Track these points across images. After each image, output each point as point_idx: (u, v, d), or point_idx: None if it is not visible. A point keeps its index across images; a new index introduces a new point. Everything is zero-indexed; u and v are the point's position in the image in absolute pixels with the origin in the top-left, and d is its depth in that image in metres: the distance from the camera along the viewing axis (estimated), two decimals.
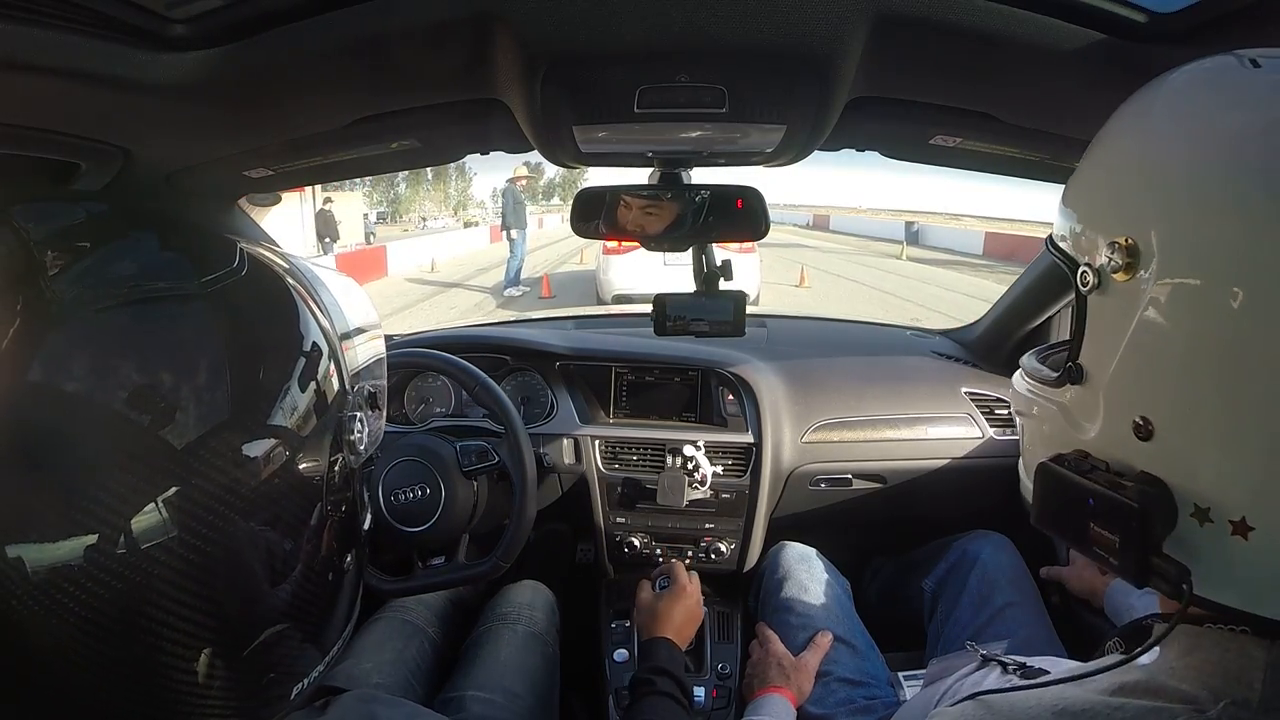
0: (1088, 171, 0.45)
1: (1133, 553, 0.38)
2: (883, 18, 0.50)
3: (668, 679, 0.89)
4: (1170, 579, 0.37)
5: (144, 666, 0.36)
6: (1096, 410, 0.43)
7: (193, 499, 0.36)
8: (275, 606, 0.41)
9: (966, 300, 1.43)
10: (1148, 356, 0.39)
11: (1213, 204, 0.36)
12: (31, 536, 0.33)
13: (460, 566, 1.01)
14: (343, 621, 0.49)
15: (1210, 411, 0.36)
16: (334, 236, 11.09)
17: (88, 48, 0.48)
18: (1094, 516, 0.41)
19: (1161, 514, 0.38)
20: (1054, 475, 0.44)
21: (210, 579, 0.37)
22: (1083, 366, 0.44)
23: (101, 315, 0.37)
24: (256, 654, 0.40)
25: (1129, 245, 0.39)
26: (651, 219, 0.84)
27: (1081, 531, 0.42)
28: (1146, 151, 0.41)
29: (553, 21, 0.50)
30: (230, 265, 0.43)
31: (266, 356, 0.41)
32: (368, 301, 0.55)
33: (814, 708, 0.95)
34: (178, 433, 0.36)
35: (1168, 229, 0.38)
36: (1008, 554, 1.16)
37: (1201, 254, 0.36)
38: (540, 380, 1.34)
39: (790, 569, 1.16)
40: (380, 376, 0.53)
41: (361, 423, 0.47)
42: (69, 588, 0.34)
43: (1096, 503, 0.40)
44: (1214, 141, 0.38)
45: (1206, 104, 0.40)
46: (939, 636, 1.10)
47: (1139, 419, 0.39)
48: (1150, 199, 0.39)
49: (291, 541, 0.41)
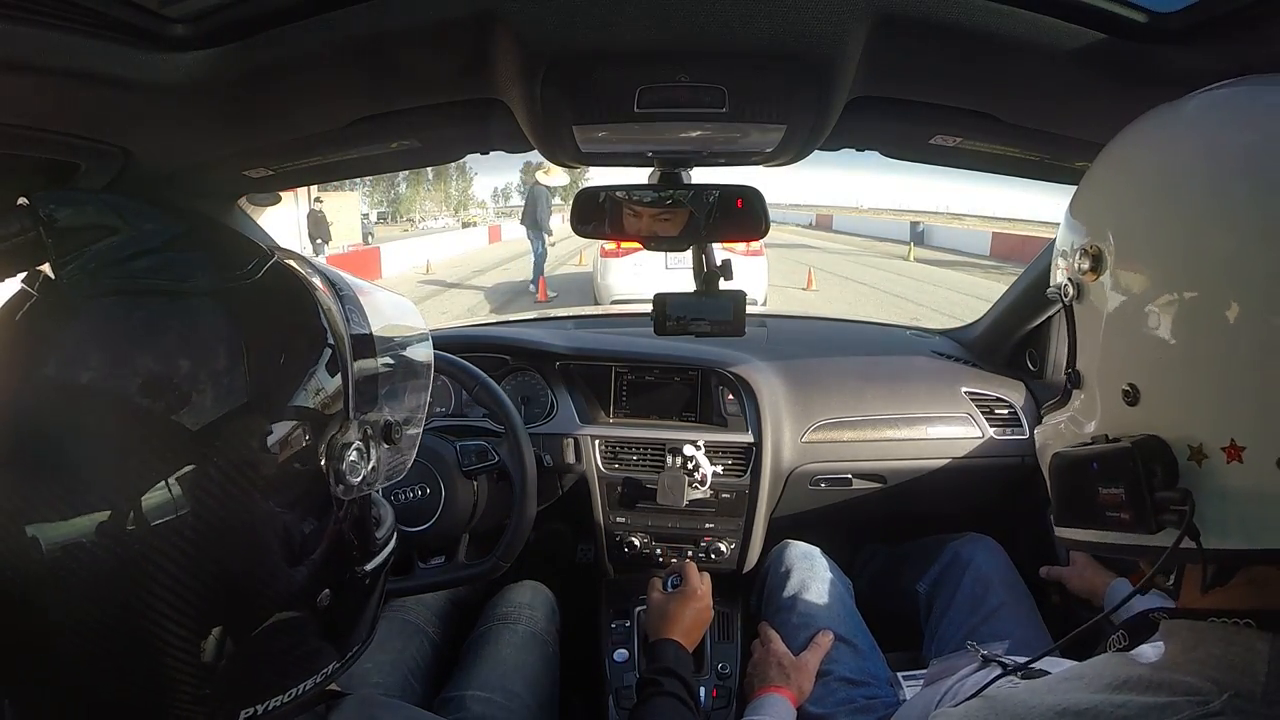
0: (1062, 225, 0.52)
1: (1138, 494, 0.40)
2: (883, 18, 0.50)
3: (675, 680, 0.89)
4: (1178, 507, 0.38)
5: (150, 642, 0.37)
6: (1094, 400, 0.47)
7: (189, 486, 0.37)
8: (275, 597, 0.41)
9: (981, 305, 1.41)
10: (1122, 331, 0.43)
11: (1147, 192, 0.44)
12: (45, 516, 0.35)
13: (460, 566, 1.01)
14: (359, 627, 0.49)
15: (1181, 357, 0.40)
16: (325, 238, 10.74)
17: (87, 48, 0.48)
18: (1099, 479, 0.43)
19: (1161, 462, 0.40)
20: (1062, 460, 0.48)
21: (209, 561, 0.38)
22: (1079, 371, 0.49)
23: (103, 303, 0.38)
24: (259, 642, 0.41)
25: (1094, 250, 0.45)
26: (652, 219, 0.84)
27: (1092, 502, 0.44)
28: (1107, 172, 0.49)
29: (552, 21, 0.50)
30: (240, 268, 0.43)
31: (254, 363, 0.40)
32: (425, 342, 0.54)
33: (814, 707, 0.95)
34: (190, 417, 0.37)
35: (1118, 225, 0.45)
36: (999, 557, 1.17)
37: (1147, 237, 0.43)
38: (540, 380, 1.34)
39: (793, 567, 1.16)
40: (414, 408, 0.51)
41: (360, 454, 0.44)
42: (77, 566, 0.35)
43: (1099, 463, 0.44)
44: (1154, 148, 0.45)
45: (1147, 125, 0.47)
46: (934, 637, 1.10)
47: (1126, 387, 0.43)
48: (1103, 205, 0.48)
49: (277, 549, 0.41)
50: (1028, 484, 1.30)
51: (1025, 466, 1.30)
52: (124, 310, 0.38)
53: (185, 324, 0.39)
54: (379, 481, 0.47)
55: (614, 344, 1.38)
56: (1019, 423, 1.31)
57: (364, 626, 0.51)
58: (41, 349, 0.37)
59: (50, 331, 0.37)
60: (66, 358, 0.37)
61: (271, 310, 0.43)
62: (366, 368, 0.46)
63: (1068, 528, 0.49)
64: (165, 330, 0.38)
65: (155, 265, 0.40)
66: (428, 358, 0.54)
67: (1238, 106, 0.44)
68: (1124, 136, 0.49)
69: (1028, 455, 1.31)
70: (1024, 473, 1.30)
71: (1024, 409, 1.32)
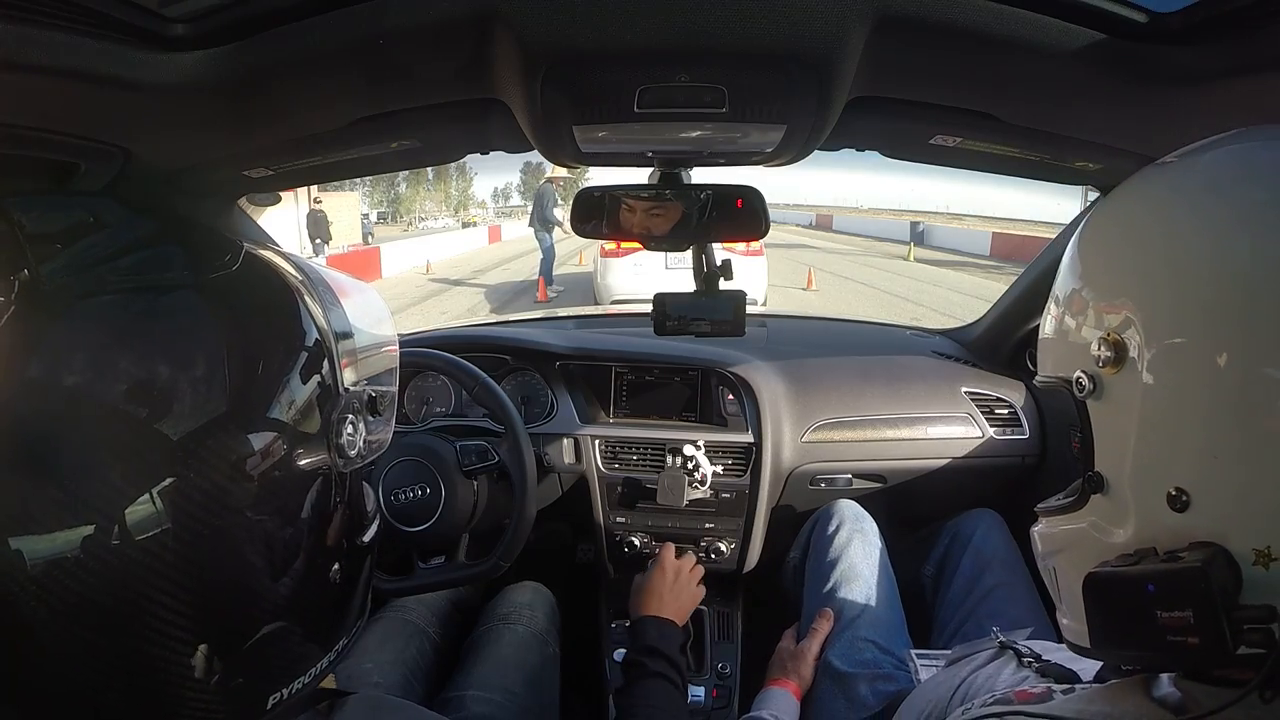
0: (1052, 308, 0.49)
1: (1211, 616, 0.35)
2: (883, 18, 0.50)
3: (659, 659, 0.88)
4: (1261, 623, 0.34)
5: (139, 658, 0.37)
6: (1126, 507, 0.42)
7: (183, 493, 0.36)
8: (269, 602, 0.41)
9: (981, 305, 1.40)
10: (1164, 428, 0.39)
11: (1184, 267, 0.39)
12: (31, 529, 0.34)
13: (460, 566, 1.01)
14: (344, 621, 0.49)
15: (1236, 453, 0.36)
16: (325, 238, 10.82)
17: (88, 48, 0.48)
18: (1158, 603, 0.38)
19: (1227, 573, 0.36)
20: (1104, 579, 0.42)
21: (200, 572, 0.37)
22: (1101, 473, 0.44)
23: (87, 305, 0.37)
24: (255, 650, 0.41)
25: (1114, 339, 0.41)
26: (652, 219, 0.84)
27: (1150, 628, 0.38)
28: (1110, 250, 0.45)
29: (553, 21, 0.50)
30: (220, 261, 0.43)
31: (250, 354, 0.41)
32: (383, 309, 0.55)
33: (839, 662, 0.95)
34: (171, 425, 0.36)
35: (1145, 306, 0.40)
36: (1000, 532, 1.16)
37: (1179, 316, 0.38)
38: (540, 380, 1.34)
39: (844, 523, 1.16)
40: (388, 384, 0.52)
41: (354, 427, 0.46)
42: (66, 580, 0.34)
43: (1157, 585, 0.38)
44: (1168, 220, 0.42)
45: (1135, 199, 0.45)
46: (935, 620, 1.10)
47: (1172, 491, 0.38)
48: (1122, 285, 0.42)
49: (281, 540, 0.41)
50: (1028, 484, 1.30)
51: (1025, 466, 1.30)
52: (105, 312, 0.37)
53: (171, 321, 0.38)
54: (372, 453, 0.49)
55: (614, 344, 1.38)
56: (1019, 423, 1.31)
57: (353, 615, 0.51)
58: (20, 358, 0.35)
59: (29, 339, 0.36)
60: (48, 365, 0.35)
61: (255, 300, 0.43)
62: (346, 344, 0.47)
63: (1111, 649, 0.44)
64: (149, 330, 0.38)
65: (133, 265, 0.40)
66: (394, 336, 0.55)
67: (1260, 160, 0.40)
68: (1127, 197, 0.45)
69: (1028, 455, 1.31)
70: (1024, 473, 1.31)
71: (1024, 409, 1.32)
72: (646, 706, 0.83)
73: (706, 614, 1.23)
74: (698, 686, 1.15)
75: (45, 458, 0.35)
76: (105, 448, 0.35)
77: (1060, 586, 0.50)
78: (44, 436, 0.35)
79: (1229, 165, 0.43)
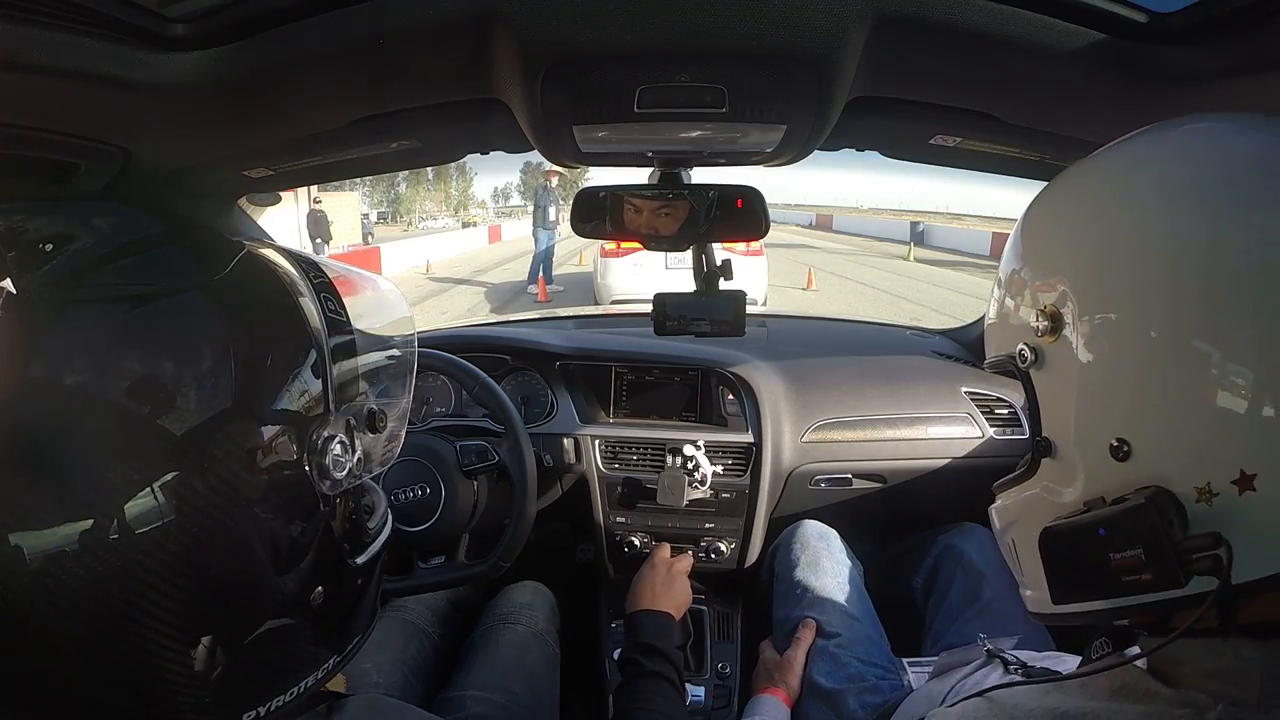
0: (995, 292, 0.51)
1: (1158, 548, 0.38)
2: (883, 18, 0.50)
3: (655, 656, 0.87)
4: (1207, 550, 0.36)
5: (136, 654, 0.37)
6: (1074, 465, 0.45)
7: (177, 492, 0.36)
8: (267, 601, 0.41)
9: (981, 305, 1.40)
10: (1101, 386, 0.42)
11: (1113, 244, 0.42)
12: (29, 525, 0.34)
13: (460, 566, 1.01)
14: (355, 622, 0.49)
15: (1173, 400, 0.39)
16: (325, 238, 10.82)
17: (88, 48, 0.48)
18: (1110, 544, 0.40)
19: (1171, 510, 0.38)
20: (1057, 531, 0.44)
21: (199, 570, 0.37)
22: (1048, 438, 0.47)
23: (71, 313, 0.37)
24: (257, 648, 0.41)
25: (1050, 310, 0.44)
26: (660, 219, 0.84)
27: (1104, 570, 0.40)
28: (1051, 222, 0.48)
29: (553, 21, 0.50)
30: (213, 265, 0.42)
31: (236, 364, 0.40)
32: (400, 309, 0.53)
33: (825, 680, 0.95)
34: (174, 421, 0.36)
35: (1078, 279, 0.43)
36: (990, 548, 1.16)
37: (1109, 287, 0.41)
38: (540, 380, 1.34)
39: (808, 544, 1.16)
40: (397, 395, 0.51)
41: (345, 446, 0.44)
42: (64, 575, 0.34)
43: (1107, 528, 0.40)
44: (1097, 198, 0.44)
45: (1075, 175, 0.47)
46: (931, 634, 1.10)
47: (1114, 441, 0.41)
48: (1052, 257, 0.46)
49: (281, 543, 0.41)
50: None
51: None
52: (93, 319, 0.37)
53: (157, 329, 0.38)
54: (370, 470, 0.47)
55: (614, 344, 1.38)
56: (1019, 423, 1.31)
57: (362, 618, 0.50)
58: (16, 361, 0.35)
59: (24, 343, 0.36)
60: (43, 368, 0.36)
61: (247, 308, 0.42)
62: (345, 361, 0.45)
63: (1071, 602, 0.45)
64: (137, 338, 0.37)
65: (123, 270, 0.40)
66: (411, 340, 0.54)
67: (1212, 138, 0.42)
68: (1061, 183, 0.47)
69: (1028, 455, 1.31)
70: None
71: (1024, 409, 1.32)
72: (645, 707, 0.83)
73: (706, 614, 1.23)
74: (697, 686, 1.14)
75: (43, 455, 0.35)
76: (97, 449, 0.36)
77: (1019, 556, 0.52)
78: (40, 434, 0.35)
79: (1156, 148, 0.45)
